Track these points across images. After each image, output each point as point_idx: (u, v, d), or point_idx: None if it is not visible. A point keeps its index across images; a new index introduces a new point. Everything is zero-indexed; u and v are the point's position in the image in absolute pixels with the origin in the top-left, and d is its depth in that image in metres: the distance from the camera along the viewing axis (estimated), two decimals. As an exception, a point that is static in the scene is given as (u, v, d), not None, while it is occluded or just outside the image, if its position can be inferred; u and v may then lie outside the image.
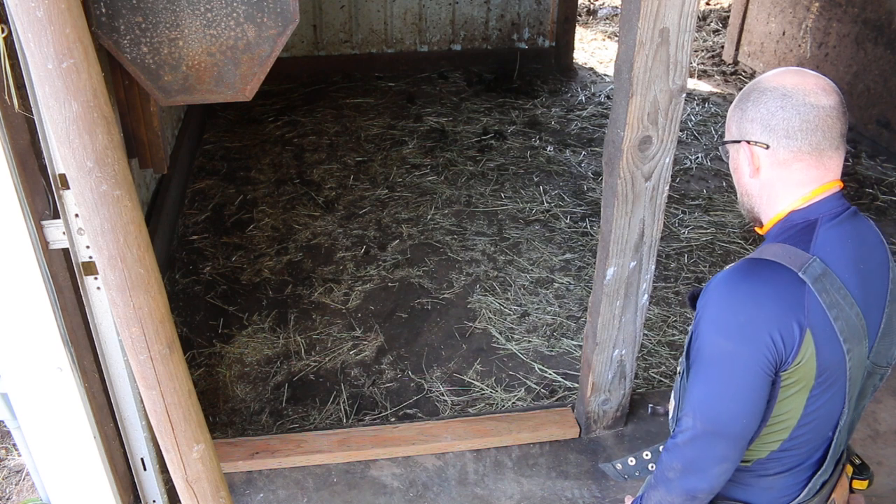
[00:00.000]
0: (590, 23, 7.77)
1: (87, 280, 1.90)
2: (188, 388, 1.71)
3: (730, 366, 1.26)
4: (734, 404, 1.28)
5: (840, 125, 1.28)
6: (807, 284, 1.22)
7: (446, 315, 3.44)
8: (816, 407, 1.31)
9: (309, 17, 5.98)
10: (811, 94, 1.27)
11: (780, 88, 1.29)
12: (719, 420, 1.29)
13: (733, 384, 1.27)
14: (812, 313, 1.22)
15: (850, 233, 1.30)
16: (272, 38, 1.86)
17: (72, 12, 1.39)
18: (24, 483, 2.57)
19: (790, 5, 5.71)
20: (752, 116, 1.31)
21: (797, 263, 1.24)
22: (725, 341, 1.26)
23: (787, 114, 1.27)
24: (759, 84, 1.33)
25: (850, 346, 1.26)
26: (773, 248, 1.28)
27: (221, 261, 3.79)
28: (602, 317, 2.45)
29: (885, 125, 4.89)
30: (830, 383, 1.29)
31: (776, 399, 1.30)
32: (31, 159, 1.82)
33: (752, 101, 1.32)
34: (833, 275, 1.24)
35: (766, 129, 1.29)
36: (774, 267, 1.25)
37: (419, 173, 4.66)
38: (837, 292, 1.24)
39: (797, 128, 1.27)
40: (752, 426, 1.30)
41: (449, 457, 2.65)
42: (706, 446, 1.31)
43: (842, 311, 1.24)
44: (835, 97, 1.28)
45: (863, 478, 1.55)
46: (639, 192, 2.23)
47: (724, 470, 1.33)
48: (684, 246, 3.95)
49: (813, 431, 1.35)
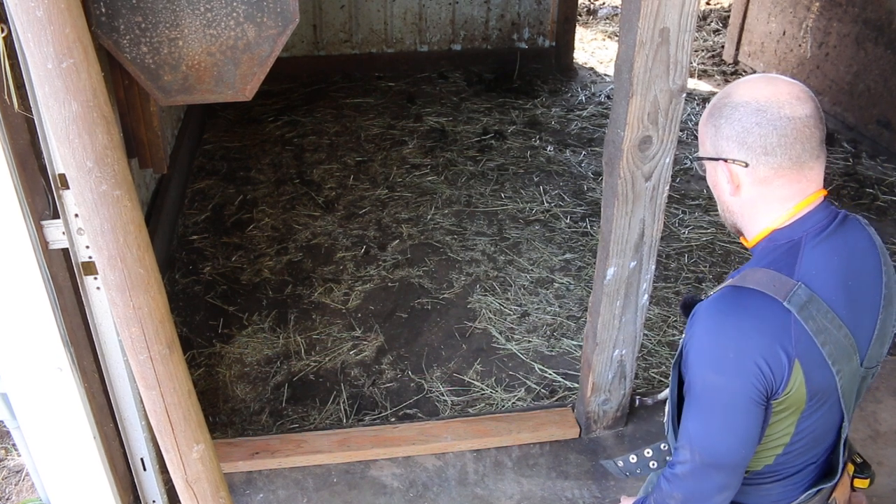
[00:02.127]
0: (590, 23, 7.77)
1: (86, 280, 1.90)
2: (188, 389, 1.71)
3: (723, 400, 1.25)
4: (731, 437, 1.27)
5: (819, 133, 1.24)
6: (792, 314, 1.20)
7: (446, 315, 3.44)
8: (809, 424, 1.31)
9: (309, 16, 5.98)
10: (786, 106, 1.22)
11: (752, 103, 1.23)
12: (717, 453, 1.29)
13: (728, 417, 1.26)
14: (799, 342, 1.20)
15: (837, 247, 1.26)
16: (272, 37, 1.86)
17: (71, 12, 1.38)
18: (23, 483, 2.57)
19: (790, 5, 5.71)
20: (728, 134, 1.26)
21: (782, 293, 1.21)
22: (716, 375, 1.25)
23: (764, 130, 1.22)
24: (730, 98, 1.27)
25: (840, 367, 1.24)
26: (758, 274, 1.25)
27: (221, 261, 3.79)
28: (602, 317, 2.45)
29: (885, 125, 4.89)
30: (821, 403, 1.28)
31: (768, 422, 1.29)
32: (30, 159, 1.82)
33: (724, 117, 1.27)
34: (819, 300, 1.21)
35: (743, 146, 1.24)
36: (759, 297, 1.22)
37: (419, 173, 4.65)
38: (824, 317, 1.21)
39: (775, 144, 1.22)
40: (750, 454, 1.30)
41: (449, 457, 2.64)
42: (706, 478, 1.31)
43: (829, 336, 1.22)
44: (810, 105, 1.23)
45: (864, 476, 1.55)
46: (639, 192, 2.23)
47: (726, 497, 1.33)
48: (684, 246, 3.95)
49: (808, 444, 1.35)
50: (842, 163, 4.83)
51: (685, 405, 1.32)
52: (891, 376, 3.01)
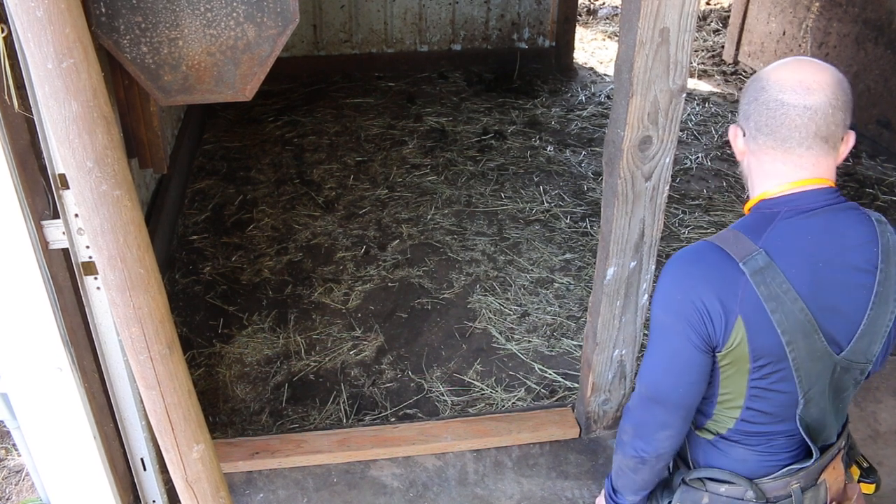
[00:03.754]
0: (590, 23, 7.77)
1: (86, 280, 1.90)
2: (188, 388, 1.72)
3: (666, 339, 1.36)
4: (669, 375, 1.38)
5: (815, 125, 1.26)
6: (745, 275, 1.26)
7: (446, 315, 3.44)
8: (763, 388, 1.35)
9: (309, 16, 5.98)
10: (788, 91, 1.26)
11: (764, 79, 1.32)
12: (658, 388, 1.40)
13: (668, 356, 1.37)
14: (745, 302, 1.27)
15: (817, 230, 1.29)
16: (272, 37, 1.86)
17: (71, 12, 1.39)
18: (23, 483, 2.57)
19: (790, 5, 5.71)
20: (744, 101, 1.36)
21: (740, 253, 1.28)
22: (663, 315, 1.35)
23: (759, 107, 1.31)
24: (762, 71, 1.36)
25: (791, 337, 1.28)
26: (727, 234, 1.33)
27: (221, 261, 3.79)
28: (602, 317, 2.45)
29: (885, 125, 4.89)
30: (772, 370, 1.32)
31: (718, 377, 1.37)
32: (30, 159, 1.82)
33: (750, 87, 1.36)
34: (776, 269, 1.26)
35: (745, 117, 1.35)
36: (718, 253, 1.30)
37: (419, 173, 4.65)
38: (779, 287, 1.26)
39: (764, 122, 1.30)
40: (690, 397, 1.39)
41: (449, 457, 2.65)
42: (649, 412, 1.43)
43: (781, 304, 1.26)
44: (818, 97, 1.25)
45: (870, 481, 1.55)
46: (639, 192, 2.23)
47: (667, 436, 1.43)
48: (684, 246, 3.95)
49: (771, 416, 1.38)
50: (842, 162, 4.83)
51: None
52: (891, 376, 3.01)
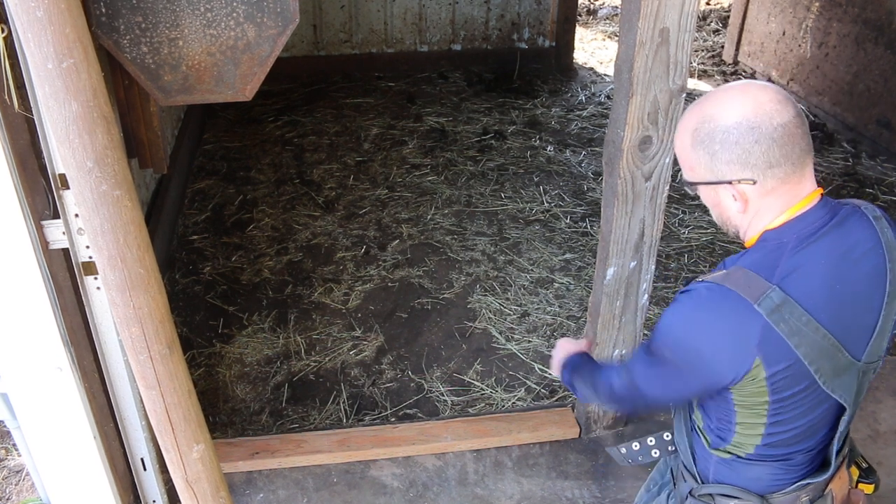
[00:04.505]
0: (590, 23, 7.77)
1: (86, 280, 1.90)
2: (188, 388, 1.72)
3: (668, 370, 1.36)
4: (665, 393, 1.44)
5: (806, 127, 1.27)
6: (762, 316, 1.23)
7: (446, 315, 3.44)
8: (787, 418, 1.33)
9: (309, 16, 5.98)
10: (776, 116, 1.24)
11: (744, 122, 1.24)
12: (650, 395, 1.45)
13: (668, 383, 1.39)
14: (764, 342, 1.24)
15: (827, 250, 1.28)
16: (272, 37, 1.86)
17: (72, 12, 1.39)
18: (23, 483, 2.57)
19: (790, 5, 5.71)
20: (728, 158, 1.27)
21: (754, 295, 1.23)
22: (672, 353, 1.33)
23: (764, 146, 1.24)
24: (716, 122, 1.27)
25: (819, 365, 1.26)
26: (738, 274, 1.27)
27: (221, 261, 3.79)
28: (602, 317, 2.45)
29: (885, 125, 4.89)
30: (800, 400, 1.30)
31: (733, 407, 1.36)
32: (30, 159, 1.82)
33: (718, 142, 1.27)
34: (793, 303, 1.23)
35: (747, 166, 1.26)
36: (733, 298, 1.25)
37: (419, 173, 4.65)
38: (798, 320, 1.23)
39: (778, 154, 1.24)
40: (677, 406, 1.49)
41: (449, 457, 2.65)
42: (632, 398, 1.50)
43: (804, 338, 1.24)
44: (791, 105, 1.26)
45: (869, 481, 1.55)
46: (639, 192, 2.23)
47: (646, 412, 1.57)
48: (684, 246, 3.95)
49: (798, 437, 1.37)
50: (842, 163, 4.83)
51: (645, 344, 1.42)
52: (891, 376, 3.01)
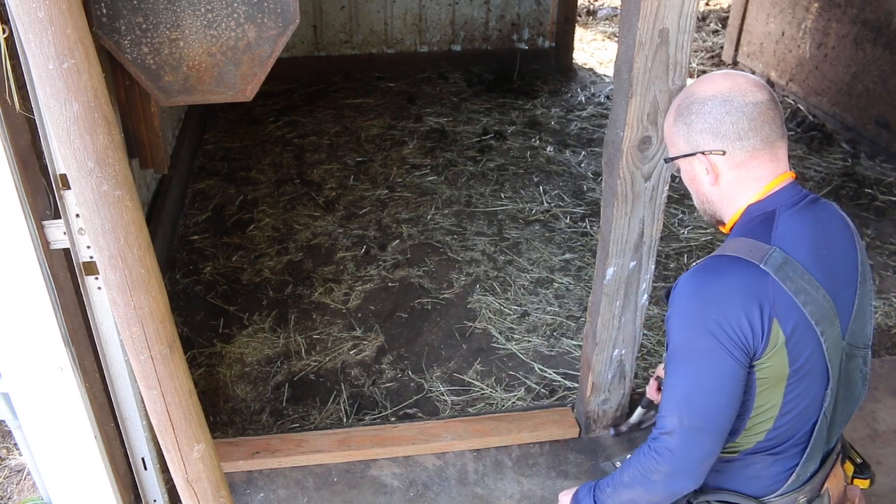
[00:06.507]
0: (590, 23, 7.77)
1: (87, 280, 1.90)
2: (189, 388, 1.72)
3: (708, 362, 1.30)
4: (718, 398, 1.31)
5: (780, 115, 1.35)
6: (770, 275, 1.26)
7: (446, 315, 3.44)
8: (797, 394, 1.34)
9: (309, 17, 5.98)
10: (748, 94, 1.33)
11: (718, 95, 1.34)
12: (705, 415, 1.32)
13: (714, 379, 1.30)
14: (777, 302, 1.26)
15: (810, 219, 1.34)
16: (273, 38, 1.86)
17: (73, 13, 1.39)
18: (24, 482, 2.58)
19: (789, 6, 5.72)
20: (701, 128, 1.36)
21: (758, 256, 1.28)
22: (700, 339, 1.30)
23: (734, 117, 1.32)
24: (695, 95, 1.37)
25: (823, 328, 1.29)
26: (735, 243, 1.33)
27: (222, 261, 3.80)
28: (602, 317, 2.46)
29: (884, 125, 4.90)
30: (808, 370, 1.32)
31: (755, 390, 1.33)
32: (31, 159, 1.82)
33: (694, 113, 1.36)
34: (794, 262, 1.28)
35: (717, 136, 1.34)
36: (737, 262, 1.29)
37: (419, 173, 4.66)
38: (801, 278, 1.27)
39: (747, 127, 1.32)
40: (734, 417, 1.34)
41: (449, 456, 2.65)
42: (694, 444, 1.34)
43: (809, 296, 1.28)
44: (766, 91, 1.34)
45: (864, 476, 1.56)
46: (638, 192, 2.24)
47: (709, 465, 1.37)
48: (684, 246, 3.96)
49: (797, 419, 1.37)
50: (840, 163, 4.84)
51: (668, 372, 1.36)
52: (890, 376, 3.01)
